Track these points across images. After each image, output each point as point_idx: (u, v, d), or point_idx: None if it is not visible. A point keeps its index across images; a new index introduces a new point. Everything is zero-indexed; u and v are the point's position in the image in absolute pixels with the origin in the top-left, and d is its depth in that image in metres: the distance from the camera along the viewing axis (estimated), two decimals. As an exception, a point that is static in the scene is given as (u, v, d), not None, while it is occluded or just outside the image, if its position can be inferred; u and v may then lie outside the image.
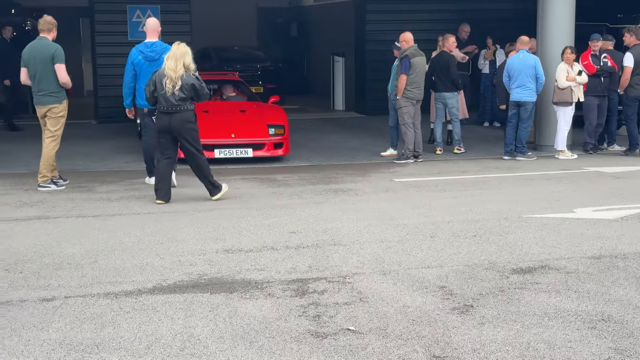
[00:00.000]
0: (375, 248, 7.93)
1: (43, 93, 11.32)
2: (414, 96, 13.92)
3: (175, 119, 10.08)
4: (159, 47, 11.25)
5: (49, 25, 11.47)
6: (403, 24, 20.19)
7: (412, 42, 14.04)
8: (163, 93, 10.04)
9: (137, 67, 11.22)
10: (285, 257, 7.58)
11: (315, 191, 11.15)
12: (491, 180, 12.14)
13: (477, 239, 8.31)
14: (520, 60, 14.09)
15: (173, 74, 9.99)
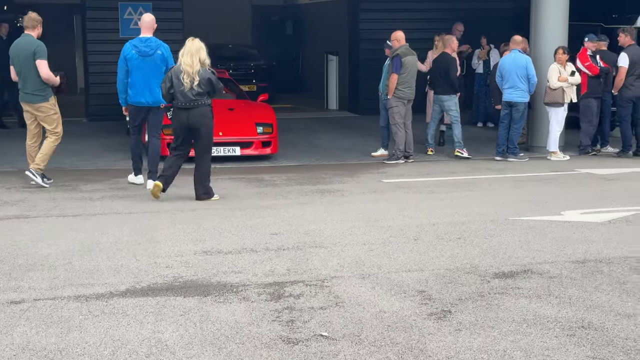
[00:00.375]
0: (356, 250, 7.79)
1: (28, 91, 11.19)
2: (405, 96, 13.77)
3: (193, 114, 10.03)
4: (153, 42, 11.03)
5: (33, 22, 11.34)
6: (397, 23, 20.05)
7: (404, 41, 13.89)
8: (182, 89, 9.96)
9: (129, 62, 10.93)
10: (264, 260, 7.43)
11: (301, 192, 11.01)
12: (480, 181, 12.00)
13: (461, 241, 8.17)
14: (512, 61, 13.96)
15: (190, 70, 9.93)
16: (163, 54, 10.99)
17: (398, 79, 13.61)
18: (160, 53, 10.95)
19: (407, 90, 13.75)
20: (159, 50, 10.95)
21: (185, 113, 10.04)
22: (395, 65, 13.64)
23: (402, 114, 13.73)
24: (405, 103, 13.75)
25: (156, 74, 10.89)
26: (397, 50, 13.78)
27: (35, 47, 11.10)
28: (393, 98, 13.72)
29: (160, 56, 10.95)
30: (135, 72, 10.92)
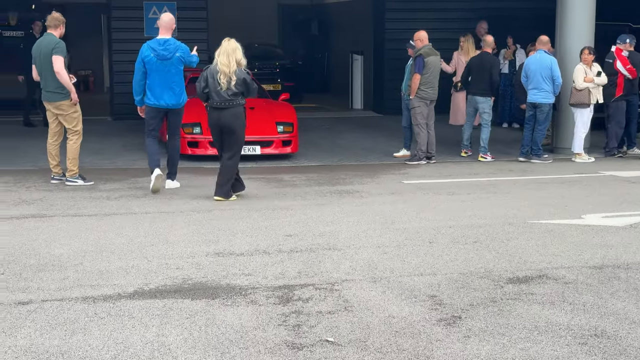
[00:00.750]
0: (370, 253, 7.69)
1: (49, 90, 11.22)
2: (427, 96, 13.64)
3: (226, 114, 10.05)
4: (172, 45, 10.84)
5: (55, 22, 11.36)
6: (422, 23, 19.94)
7: (427, 40, 13.76)
8: (218, 89, 9.96)
9: (147, 65, 10.75)
10: (276, 262, 7.36)
11: (320, 192, 10.93)
12: (502, 183, 11.85)
13: (477, 245, 8.05)
14: (537, 61, 13.79)
15: (227, 70, 9.94)
16: (181, 56, 10.85)
17: (421, 79, 13.48)
18: (178, 56, 10.82)
19: (429, 91, 13.61)
20: (177, 53, 10.80)
21: (218, 113, 10.06)
22: (418, 65, 13.51)
23: (425, 115, 13.61)
24: (427, 104, 13.61)
25: (177, 75, 10.85)
26: (420, 50, 13.65)
27: (54, 45, 11.12)
28: (415, 98, 13.60)
29: (178, 59, 10.83)
30: (153, 74, 10.76)
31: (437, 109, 14.14)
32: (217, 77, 9.98)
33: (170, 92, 10.80)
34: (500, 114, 18.92)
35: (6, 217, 9.16)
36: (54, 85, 11.17)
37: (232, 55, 10.02)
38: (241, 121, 10.23)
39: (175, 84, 10.81)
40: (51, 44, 11.15)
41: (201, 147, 13.75)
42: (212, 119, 10.17)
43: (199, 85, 10.19)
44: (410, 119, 14.19)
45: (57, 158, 11.49)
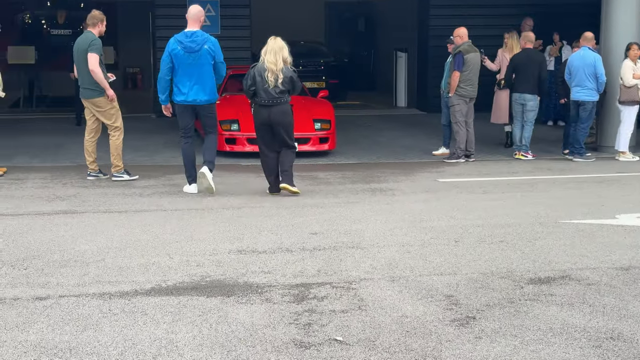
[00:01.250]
0: (393, 252, 7.63)
1: (85, 86, 11.35)
2: (467, 94, 13.50)
3: (274, 111, 10.14)
4: (199, 37, 10.34)
5: (94, 20, 11.48)
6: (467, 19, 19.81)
7: (467, 37, 13.63)
8: (266, 87, 10.04)
9: (175, 59, 10.29)
10: (297, 260, 7.34)
11: (353, 190, 10.88)
12: (539, 182, 11.69)
13: (503, 245, 7.94)
14: (580, 58, 13.57)
15: (274, 67, 10.05)
16: (210, 48, 10.32)
17: (460, 76, 13.35)
18: (207, 48, 10.29)
19: (469, 88, 13.47)
20: (205, 45, 10.28)
21: (267, 110, 10.12)
22: (458, 62, 13.39)
23: (464, 112, 13.48)
24: (467, 101, 13.48)
25: (206, 69, 10.34)
26: (459, 47, 13.53)
27: (89, 42, 11.23)
28: (455, 96, 13.48)
29: (207, 51, 10.31)
30: (182, 69, 10.30)
31: (478, 107, 13.98)
32: (264, 75, 10.05)
33: (199, 87, 10.33)
34: (545, 111, 18.65)
35: (39, 213, 9.26)
36: (90, 82, 11.30)
37: (279, 53, 10.12)
38: (290, 118, 10.39)
39: (204, 79, 10.35)
40: (87, 42, 11.26)
41: (239, 144, 13.77)
42: (260, 116, 10.22)
43: (246, 82, 10.26)
44: (449, 117, 14.07)
45: (93, 155, 11.61)
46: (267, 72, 10.07)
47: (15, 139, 15.45)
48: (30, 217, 9.03)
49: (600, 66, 13.46)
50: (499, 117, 15.15)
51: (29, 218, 9.00)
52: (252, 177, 11.87)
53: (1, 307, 6.01)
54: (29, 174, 11.91)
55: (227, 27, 19.45)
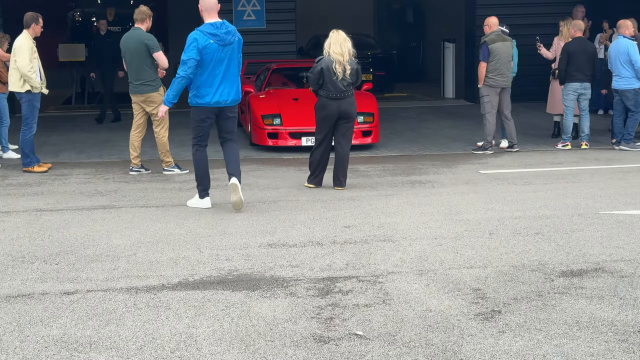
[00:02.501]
0: (424, 245, 7.55)
1: (140, 82, 11.47)
2: (496, 84, 13.30)
3: (345, 103, 10.24)
4: (231, 27, 9.01)
5: (142, 15, 11.59)
6: (516, 8, 19.60)
7: (496, 26, 13.42)
8: (334, 79, 10.09)
9: (207, 55, 8.78)
10: (327, 253, 7.30)
11: (392, 183, 10.80)
12: (583, 172, 11.48)
13: (539, 237, 7.80)
14: (615, 47, 13.35)
15: (341, 59, 10.12)
16: (240, 39, 9.11)
17: (487, 66, 13.17)
18: (238, 39, 9.05)
19: (498, 79, 13.26)
20: (237, 37, 9.05)
21: (337, 102, 10.19)
22: (483, 53, 13.27)
23: (494, 104, 13.27)
24: (497, 92, 13.26)
25: (235, 64, 9.06)
26: (486, 37, 13.36)
27: (145, 41, 11.34)
28: (484, 87, 13.32)
29: (238, 43, 9.06)
30: (215, 65, 8.87)
31: (534, 97, 13.77)
32: (332, 67, 10.07)
33: (230, 85, 9.02)
34: (595, 100, 18.31)
35: (78, 208, 9.36)
36: (145, 78, 11.42)
37: (344, 45, 10.22)
38: (356, 109, 10.51)
39: (234, 75, 9.08)
40: (142, 39, 11.35)
41: (281, 139, 13.75)
42: (329, 108, 10.23)
43: (314, 77, 10.28)
44: (494, 108, 13.94)
45: (138, 150, 11.72)
46: (334, 63, 10.09)
47: (63, 135, 15.66)
48: (69, 213, 9.13)
49: (635, 52, 13.15)
50: (554, 107, 14.85)
51: (67, 213, 9.10)
52: (293, 170, 11.86)
53: (29, 301, 6.07)
54: (73, 170, 12.05)
55: (271, 21, 19.45)
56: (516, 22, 18.92)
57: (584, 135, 13.87)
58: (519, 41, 17.87)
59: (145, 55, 11.36)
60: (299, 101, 14.39)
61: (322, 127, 10.35)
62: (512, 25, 18.13)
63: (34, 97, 11.74)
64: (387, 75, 22.66)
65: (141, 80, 11.42)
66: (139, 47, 11.34)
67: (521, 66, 17.37)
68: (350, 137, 10.52)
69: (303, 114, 13.89)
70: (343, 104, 10.21)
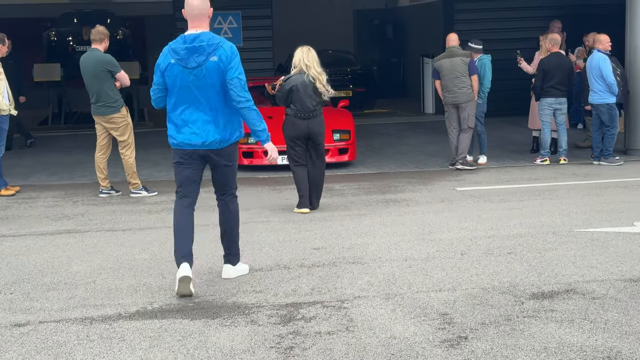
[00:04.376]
0: (394, 267, 7.35)
1: (100, 104, 11.24)
2: (445, 101, 13.30)
3: (315, 122, 10.02)
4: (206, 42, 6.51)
5: (100, 36, 11.36)
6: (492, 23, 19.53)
7: (453, 42, 13.38)
8: (300, 96, 9.84)
9: (169, 80, 6.61)
10: (293, 277, 7.09)
11: (366, 202, 10.61)
12: (561, 188, 11.31)
13: (511, 257, 7.61)
14: (589, 61, 13.26)
15: (322, 77, 9.96)
16: (220, 59, 6.48)
17: (440, 83, 13.15)
18: (215, 60, 6.47)
19: (446, 95, 13.21)
20: (213, 57, 6.47)
21: (306, 122, 9.98)
22: (432, 71, 13.36)
23: (451, 120, 13.23)
24: (454, 108, 13.14)
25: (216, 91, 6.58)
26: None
27: (104, 63, 11.12)
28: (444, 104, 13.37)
29: (220, 64, 6.49)
30: (180, 93, 6.60)
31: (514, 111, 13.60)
32: (310, 87, 9.88)
33: (209, 121, 6.63)
34: (574, 114, 18.18)
35: (41, 233, 9.13)
36: (106, 100, 11.19)
37: (318, 63, 10.02)
38: (324, 128, 10.30)
39: (223, 107, 6.66)
40: (100, 62, 11.14)
41: (256, 157, 13.55)
42: (298, 128, 9.98)
43: (283, 97, 10.05)
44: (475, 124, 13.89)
45: (105, 172, 11.50)
46: (316, 82, 9.92)
47: (35, 157, 15.41)
48: (31, 238, 8.89)
49: (606, 67, 12.99)
50: (534, 122, 14.66)
51: (30, 239, 8.87)
52: (267, 190, 11.67)
53: (-22, 334, 5.83)
54: (41, 193, 11.82)
55: (249, 39, 19.29)
56: (495, 37, 18.94)
57: (562, 150, 13.73)
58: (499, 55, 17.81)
59: (104, 78, 11.15)
60: (274, 119, 14.17)
61: (293, 146, 10.12)
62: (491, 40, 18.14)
63: (1, 119, 11.50)
64: (367, 91, 22.51)
65: (102, 102, 11.21)
66: (98, 69, 11.12)
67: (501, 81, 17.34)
68: (323, 158, 10.33)
69: (278, 132, 13.65)
70: (312, 123, 9.99)
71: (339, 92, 22.25)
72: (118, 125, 11.29)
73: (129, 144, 11.39)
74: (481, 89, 13.78)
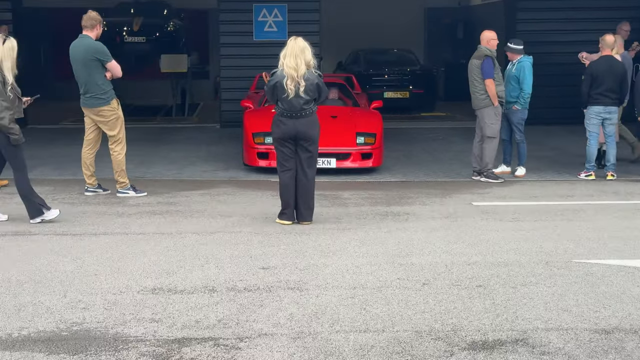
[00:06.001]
0: (333, 297, 6.28)
1: (89, 95, 10.44)
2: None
3: (302, 122, 8.88)
4: None
5: (91, 22, 10.52)
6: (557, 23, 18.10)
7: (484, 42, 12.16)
8: (285, 96, 8.76)
9: None
10: (210, 304, 6.09)
11: (363, 214, 9.53)
12: (589, 208, 10.00)
13: (478, 291, 6.44)
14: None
15: (295, 73, 8.70)
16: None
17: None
18: None
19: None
20: None
21: (293, 122, 8.85)
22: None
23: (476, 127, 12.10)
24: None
25: None
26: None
27: (94, 51, 10.31)
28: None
29: None
30: None
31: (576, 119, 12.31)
32: (284, 83, 8.76)
33: None
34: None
35: (-4, 234, 8.34)
36: (95, 91, 10.38)
37: (300, 56, 8.73)
38: (317, 130, 9.08)
39: None
40: (90, 49, 10.33)
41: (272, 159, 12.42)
42: (283, 129, 8.89)
43: (268, 92, 9.08)
44: (509, 131, 12.63)
45: (91, 168, 10.71)
46: (286, 79, 8.77)
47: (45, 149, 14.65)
48: (-26, 240, 8.12)
49: None
50: None
51: (-28, 240, 8.09)
52: (266, 196, 10.69)
53: None
54: (29, 188, 11.06)
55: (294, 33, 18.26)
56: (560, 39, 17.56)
57: (610, 165, 12.32)
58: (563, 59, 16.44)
59: (94, 67, 10.31)
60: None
61: (280, 148, 9.07)
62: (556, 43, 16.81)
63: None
64: (426, 93, 21.31)
65: (90, 94, 10.39)
66: (87, 57, 10.30)
67: (565, 86, 16.02)
68: (313, 163, 9.16)
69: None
70: (299, 124, 8.90)
71: (395, 93, 21.27)
72: (107, 119, 10.48)
73: (119, 139, 10.57)
74: (521, 94, 12.53)
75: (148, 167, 13.05)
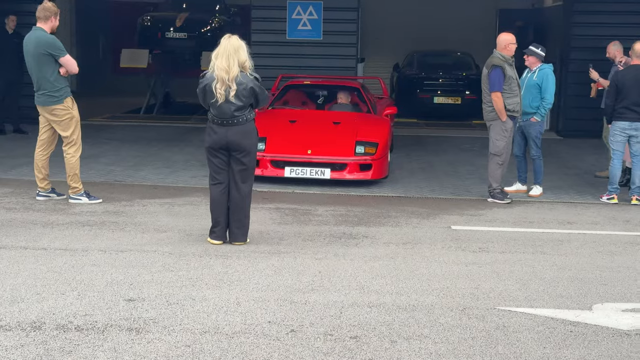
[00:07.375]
0: (166, 344, 5.33)
1: (42, 92, 9.74)
2: None
3: (233, 131, 7.87)
4: None
5: (45, 13, 9.74)
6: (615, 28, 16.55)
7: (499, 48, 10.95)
8: (214, 101, 7.85)
9: None
10: (12, 346, 5.20)
11: (315, 235, 8.54)
12: (576, 239, 8.76)
13: (346, 344, 5.37)
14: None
15: (225, 76, 7.72)
16: None
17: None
18: None
19: None
20: None
21: (224, 130, 7.87)
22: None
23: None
24: None
25: None
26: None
27: (46, 44, 9.57)
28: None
29: None
30: None
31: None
32: (212, 86, 7.84)
33: None
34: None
35: None
36: (47, 88, 9.67)
37: (233, 57, 7.70)
38: (254, 140, 8.03)
39: None
40: (41, 43, 9.60)
41: (262, 167, 11.60)
42: (214, 137, 7.90)
43: (199, 97, 8.09)
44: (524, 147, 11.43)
45: (44, 171, 9.98)
46: (215, 82, 7.81)
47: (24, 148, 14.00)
48: None
49: None
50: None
51: None
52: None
53: None
54: (-11, 189, 10.47)
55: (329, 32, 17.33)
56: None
57: (635, 188, 10.91)
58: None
59: (45, 62, 9.57)
60: (297, 124, 12.26)
61: (211, 159, 8.11)
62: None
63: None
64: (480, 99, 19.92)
65: (43, 90, 9.67)
66: (39, 51, 9.57)
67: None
68: (247, 177, 8.09)
69: (293, 139, 11.78)
70: (231, 132, 7.90)
71: (446, 99, 19.99)
72: (60, 119, 9.74)
73: (74, 140, 9.82)
74: (542, 104, 11.29)
75: (137, 170, 12.35)
